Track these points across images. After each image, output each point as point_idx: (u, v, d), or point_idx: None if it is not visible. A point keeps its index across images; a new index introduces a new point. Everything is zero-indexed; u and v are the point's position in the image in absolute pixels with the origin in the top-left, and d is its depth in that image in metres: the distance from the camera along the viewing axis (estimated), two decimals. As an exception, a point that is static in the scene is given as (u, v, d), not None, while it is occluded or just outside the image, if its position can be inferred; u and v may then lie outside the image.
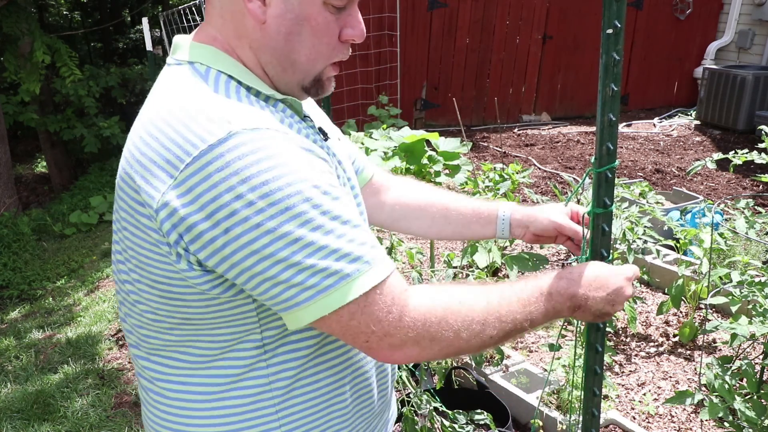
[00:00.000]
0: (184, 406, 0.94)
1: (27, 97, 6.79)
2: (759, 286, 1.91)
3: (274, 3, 0.84)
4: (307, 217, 0.77)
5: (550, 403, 2.32)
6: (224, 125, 0.77)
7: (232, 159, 0.75)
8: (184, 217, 0.77)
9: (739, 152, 2.09)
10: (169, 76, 0.89)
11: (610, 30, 0.98)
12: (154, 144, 0.80)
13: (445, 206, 1.24)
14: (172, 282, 0.84)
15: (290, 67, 0.90)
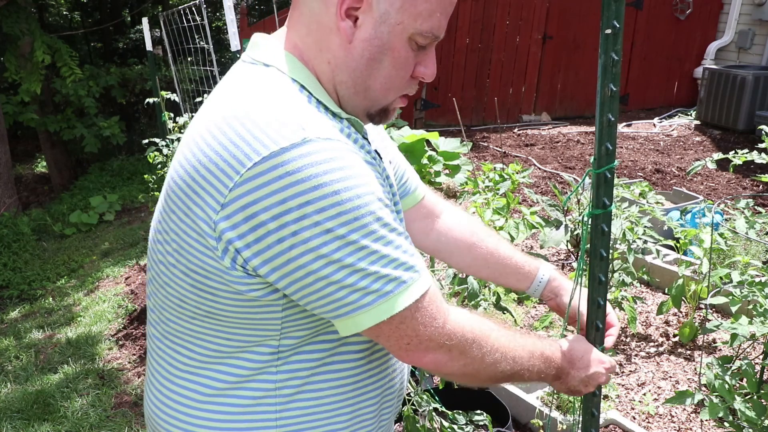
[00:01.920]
0: (189, 396, 0.95)
1: (27, 97, 6.79)
2: (759, 286, 1.91)
3: (364, 26, 0.86)
4: (372, 227, 0.81)
5: (550, 403, 2.32)
6: (298, 131, 0.79)
7: (305, 164, 0.77)
8: (248, 217, 0.78)
9: (739, 152, 2.09)
10: (243, 74, 0.90)
11: (609, 30, 0.98)
12: (222, 139, 0.81)
13: (490, 251, 1.27)
14: (209, 275, 0.84)
15: (363, 92, 0.92)
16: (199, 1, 3.57)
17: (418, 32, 0.87)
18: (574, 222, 3.24)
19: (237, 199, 0.78)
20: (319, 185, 0.77)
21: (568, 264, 3.73)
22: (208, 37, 3.57)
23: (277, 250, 0.79)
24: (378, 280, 0.82)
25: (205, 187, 0.81)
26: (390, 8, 0.85)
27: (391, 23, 0.86)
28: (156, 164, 4.28)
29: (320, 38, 0.88)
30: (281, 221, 0.78)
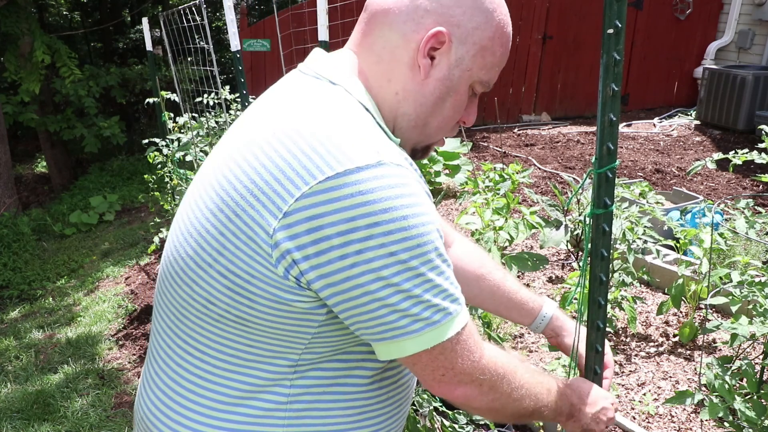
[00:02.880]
0: (199, 402, 0.93)
1: (27, 97, 6.79)
2: (759, 286, 1.91)
3: (439, 66, 0.91)
4: (431, 256, 0.83)
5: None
6: (374, 153, 0.80)
7: (378, 186, 0.78)
8: (312, 229, 0.78)
9: (739, 152, 2.09)
10: (308, 87, 0.90)
11: (611, 30, 0.98)
12: (293, 148, 0.81)
13: (497, 284, 1.29)
14: (253, 280, 0.83)
15: (421, 127, 0.96)
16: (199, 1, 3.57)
17: (480, 81, 0.95)
18: (574, 222, 3.24)
19: (301, 210, 0.78)
20: (389, 208, 0.78)
21: (568, 264, 3.73)
22: (208, 37, 3.57)
23: (337, 266, 0.80)
24: (429, 308, 0.83)
25: (266, 192, 0.80)
26: (465, 54, 0.91)
27: (463, 68, 0.92)
28: (156, 164, 4.28)
29: (391, 69, 0.92)
30: (347, 238, 0.78)
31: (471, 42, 0.91)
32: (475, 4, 0.90)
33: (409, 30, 0.89)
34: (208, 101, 3.88)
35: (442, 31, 0.88)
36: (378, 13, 0.92)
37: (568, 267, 3.71)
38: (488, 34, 0.92)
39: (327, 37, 2.40)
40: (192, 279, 0.89)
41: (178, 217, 0.97)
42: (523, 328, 3.05)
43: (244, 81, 2.87)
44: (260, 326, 0.87)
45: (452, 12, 0.89)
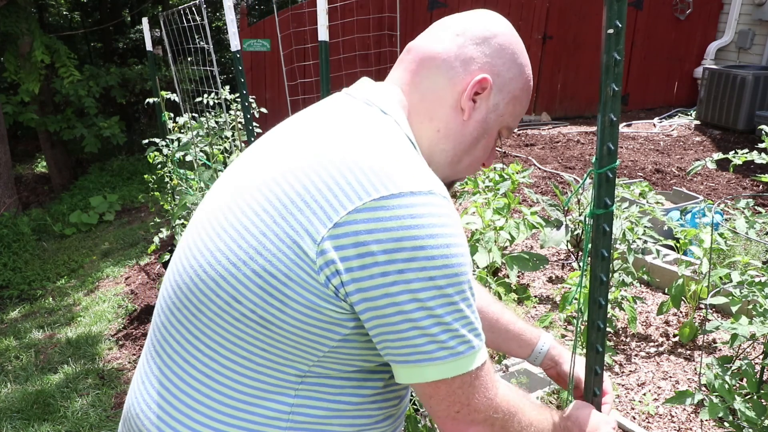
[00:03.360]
0: (204, 402, 0.93)
1: (27, 97, 6.79)
2: (759, 286, 1.91)
3: (479, 110, 1.00)
4: (464, 287, 0.86)
5: (550, 403, 2.32)
6: (425, 182, 0.86)
7: (427, 213, 0.83)
8: (359, 243, 0.82)
9: (739, 152, 2.09)
10: (362, 111, 0.95)
11: (611, 30, 0.98)
12: (351, 164, 0.85)
13: (495, 318, 1.32)
14: (290, 283, 0.85)
15: (456, 164, 1.03)
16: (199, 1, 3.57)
17: (507, 126, 1.04)
18: (574, 222, 3.24)
19: (352, 224, 0.82)
20: (434, 235, 0.83)
21: (568, 264, 3.73)
22: (208, 37, 3.57)
23: (378, 282, 0.83)
24: (456, 338, 0.86)
25: (319, 200, 0.83)
26: (501, 101, 1.01)
27: (498, 113, 1.01)
28: (156, 164, 4.28)
29: (434, 108, 0.99)
30: (391, 257, 0.82)
31: (507, 90, 1.00)
32: (512, 58, 1.00)
33: (456, 74, 0.98)
34: (208, 101, 3.88)
35: (487, 78, 0.98)
36: (426, 57, 1.00)
37: (568, 267, 3.71)
38: (520, 86, 1.02)
39: (327, 37, 2.40)
40: (220, 274, 0.89)
41: (204, 214, 0.98)
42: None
43: (244, 81, 2.87)
44: (283, 330, 0.88)
45: (495, 62, 0.99)
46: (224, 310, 0.89)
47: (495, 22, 1.01)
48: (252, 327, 0.88)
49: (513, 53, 1.01)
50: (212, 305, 0.90)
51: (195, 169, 3.93)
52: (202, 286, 0.91)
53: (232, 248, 0.88)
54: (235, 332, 0.90)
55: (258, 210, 0.87)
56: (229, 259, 0.88)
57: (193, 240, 0.96)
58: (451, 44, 0.98)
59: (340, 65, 6.61)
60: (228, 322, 0.90)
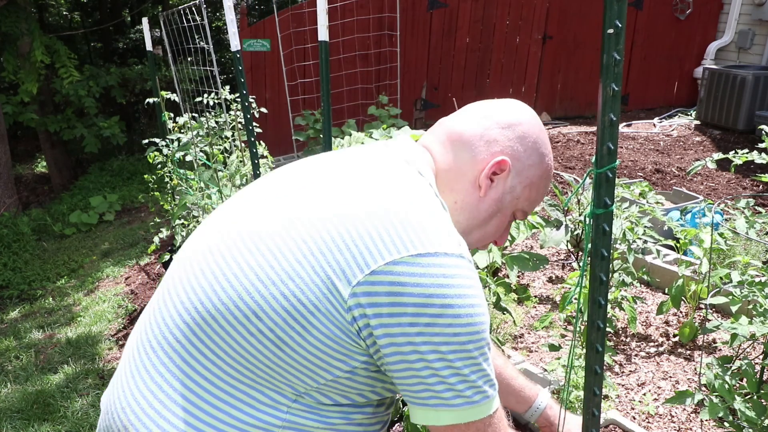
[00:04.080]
0: (202, 408, 0.94)
1: (27, 97, 6.79)
2: (759, 286, 1.91)
3: (496, 189, 1.06)
4: (482, 344, 0.93)
5: (550, 403, 2.32)
6: (456, 246, 0.93)
7: (457, 274, 0.90)
8: (392, 293, 0.87)
9: (739, 152, 2.09)
10: (402, 170, 1.00)
11: (611, 30, 0.98)
12: (395, 220, 0.91)
13: (498, 371, 1.39)
14: (317, 314, 0.89)
15: (466, 236, 1.07)
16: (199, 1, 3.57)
17: (522, 210, 1.10)
18: (574, 222, 3.24)
19: (388, 274, 0.87)
20: (462, 295, 0.89)
21: (568, 264, 3.73)
22: (208, 37, 3.57)
23: (405, 330, 0.88)
24: (471, 388, 0.92)
25: (359, 246, 0.88)
26: (518, 185, 1.07)
27: (514, 195, 1.07)
28: (156, 164, 4.28)
29: (456, 180, 1.05)
30: (420, 311, 0.87)
31: (525, 175, 1.07)
32: (534, 146, 1.06)
33: (479, 153, 1.04)
34: (208, 101, 3.88)
35: (506, 161, 1.04)
36: (454, 133, 1.07)
37: (568, 267, 3.71)
38: (539, 173, 1.08)
39: (327, 37, 2.40)
40: (245, 288, 0.92)
41: (234, 226, 0.99)
42: (523, 328, 3.05)
43: (244, 81, 2.87)
44: (295, 353, 0.91)
45: (516, 147, 1.05)
46: (241, 323, 0.91)
47: (522, 111, 1.08)
48: (264, 344, 0.91)
49: (535, 142, 1.06)
50: (229, 315, 0.92)
51: (195, 169, 3.92)
52: (222, 295, 0.93)
53: (264, 267, 0.92)
54: (246, 345, 0.92)
55: (298, 240, 0.91)
56: (259, 276, 0.91)
57: (220, 247, 0.98)
58: (478, 125, 1.06)
59: (340, 65, 6.61)
60: (241, 335, 0.92)
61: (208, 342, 0.93)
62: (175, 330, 0.96)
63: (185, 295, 0.97)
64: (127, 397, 0.99)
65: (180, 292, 0.98)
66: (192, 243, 1.06)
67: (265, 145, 3.98)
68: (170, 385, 0.95)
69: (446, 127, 1.09)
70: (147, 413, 0.96)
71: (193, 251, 1.03)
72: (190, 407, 0.94)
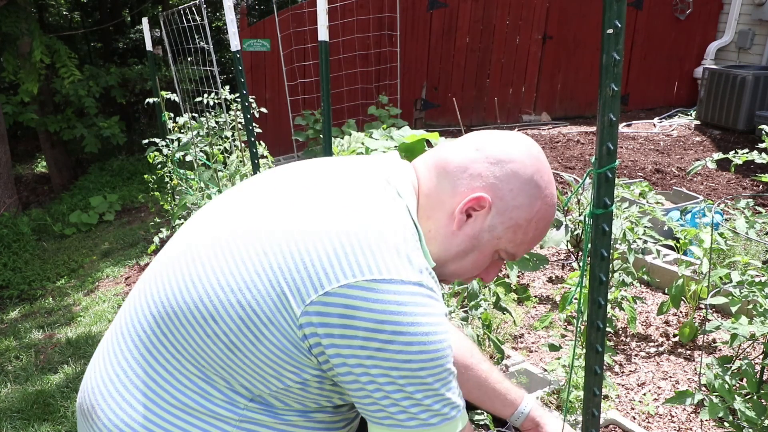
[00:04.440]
0: (162, 396, 0.97)
1: (27, 97, 6.79)
2: (759, 286, 1.91)
3: (472, 225, 1.01)
4: (439, 370, 0.91)
5: (550, 403, 2.32)
6: (417, 273, 0.91)
7: (411, 302, 0.88)
8: (345, 316, 0.87)
9: (739, 152, 2.09)
10: (379, 190, 0.98)
11: (611, 30, 0.98)
12: (354, 242, 0.89)
13: (484, 376, 1.39)
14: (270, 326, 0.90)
15: (439, 267, 1.04)
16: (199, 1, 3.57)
17: (506, 251, 1.05)
18: (574, 222, 3.24)
19: (341, 296, 0.87)
20: (414, 323, 0.88)
21: (568, 264, 3.73)
22: (208, 37, 3.57)
23: (355, 353, 0.88)
24: (427, 412, 0.91)
25: (316, 266, 0.88)
26: (499, 225, 1.01)
27: (493, 235, 1.02)
28: (156, 164, 4.28)
29: (434, 208, 1.02)
30: (371, 335, 0.87)
31: (508, 216, 1.01)
32: (523, 187, 1.00)
33: (460, 185, 1.00)
34: (208, 101, 3.87)
35: (485, 198, 0.99)
36: (442, 160, 1.03)
37: (568, 267, 3.71)
38: (526, 216, 1.01)
39: (327, 37, 2.40)
40: (206, 291, 0.93)
41: (208, 230, 1.01)
42: (523, 328, 3.04)
43: (244, 81, 2.87)
44: (246, 359, 0.93)
45: (500, 185, 0.99)
46: (199, 323, 0.93)
47: (518, 149, 1.01)
48: (219, 346, 0.93)
49: (526, 182, 1.00)
50: (189, 315, 0.94)
51: (195, 169, 3.92)
52: (185, 294, 0.95)
53: (225, 273, 0.92)
54: (203, 345, 0.94)
55: (260, 251, 0.91)
56: (219, 281, 0.92)
57: (192, 248, 1.00)
58: (466, 156, 1.01)
59: (340, 65, 6.61)
60: (198, 335, 0.94)
61: (170, 336, 0.96)
62: (143, 321, 1.00)
63: (155, 290, 1.00)
64: (97, 378, 1.04)
65: (152, 286, 1.02)
66: (175, 239, 1.10)
67: (265, 145, 3.98)
68: (134, 371, 0.99)
69: (437, 152, 1.05)
70: (112, 395, 1.00)
71: (172, 247, 1.06)
72: (150, 394, 0.97)
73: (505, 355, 2.51)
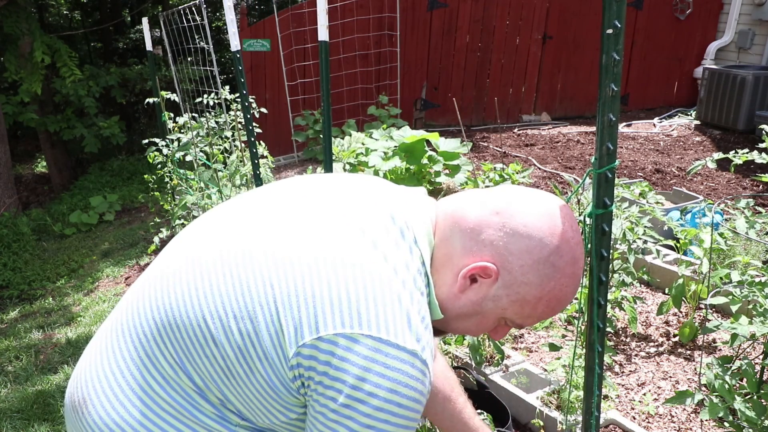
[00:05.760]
0: (157, 403, 0.97)
1: (27, 97, 6.79)
2: (759, 286, 1.91)
3: (476, 291, 0.97)
4: None
5: (550, 403, 2.32)
6: (416, 342, 0.89)
7: (401, 369, 0.87)
8: (334, 366, 0.86)
9: (739, 152, 2.09)
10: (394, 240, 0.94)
11: (610, 30, 0.98)
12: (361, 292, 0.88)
13: (459, 410, 1.39)
14: (263, 360, 0.90)
15: (442, 323, 1.02)
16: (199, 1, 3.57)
17: (512, 321, 1.01)
18: (574, 222, 3.24)
19: (336, 345, 0.86)
20: (395, 391, 0.87)
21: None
22: (208, 37, 3.58)
23: (340, 401, 0.87)
24: None
25: (317, 307, 0.87)
26: (505, 297, 0.96)
27: (499, 306, 0.98)
28: (156, 164, 4.28)
29: (444, 265, 0.98)
30: (343, 388, 0.86)
31: (514, 291, 0.96)
32: (535, 266, 0.94)
33: (470, 248, 0.95)
34: (208, 101, 3.88)
35: (492, 268, 0.94)
36: (457, 212, 0.98)
37: None
38: (536, 294, 0.96)
39: (327, 37, 2.40)
40: (210, 311, 0.93)
41: (215, 241, 0.99)
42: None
43: (244, 81, 2.87)
44: (239, 386, 0.93)
45: (510, 259, 0.94)
46: (200, 342, 0.93)
47: (541, 224, 0.94)
48: (215, 368, 0.93)
49: (538, 262, 0.94)
50: (191, 331, 0.94)
51: (195, 169, 3.93)
52: (190, 309, 0.94)
53: (230, 298, 0.92)
54: (200, 363, 0.94)
55: (266, 282, 0.90)
56: (224, 304, 0.92)
57: (202, 258, 0.98)
58: (483, 219, 0.95)
59: (340, 65, 6.61)
60: (198, 353, 0.94)
61: (169, 347, 0.96)
62: (145, 324, 0.99)
63: (161, 294, 0.99)
64: (92, 371, 1.03)
65: (158, 288, 1.00)
66: (182, 241, 1.07)
67: (265, 145, 3.98)
68: (131, 373, 0.98)
69: (458, 202, 1.00)
70: (105, 392, 1.00)
71: (180, 251, 1.04)
72: (147, 399, 0.97)
73: (505, 355, 2.51)
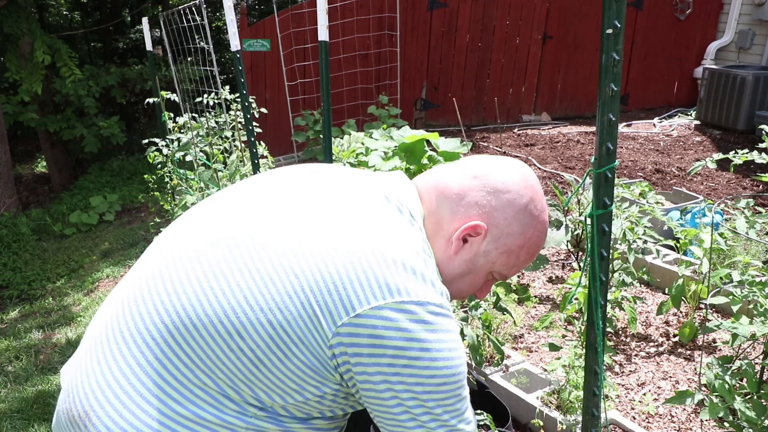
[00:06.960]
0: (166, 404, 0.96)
1: (27, 97, 6.79)
2: (759, 286, 1.91)
3: (469, 250, 1.06)
4: (458, 386, 0.97)
5: (550, 403, 2.32)
6: (439, 296, 0.96)
7: (436, 321, 0.93)
8: (374, 336, 0.91)
9: (739, 152, 2.09)
10: (394, 216, 1.01)
11: (610, 30, 0.98)
12: (384, 266, 0.93)
13: None
14: (300, 345, 0.92)
15: None
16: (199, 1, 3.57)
17: (499, 273, 1.10)
18: (574, 222, 3.24)
19: (371, 318, 0.91)
20: (441, 340, 0.93)
21: (568, 264, 3.73)
22: (208, 37, 3.58)
23: (381, 370, 0.92)
24: (442, 426, 0.96)
25: (347, 288, 0.91)
26: (494, 250, 1.06)
27: (488, 259, 1.07)
28: (156, 164, 4.28)
29: (434, 234, 1.06)
30: (400, 353, 0.91)
31: (502, 243, 1.06)
32: (516, 216, 1.05)
33: (458, 212, 1.04)
34: (208, 101, 3.87)
35: (482, 225, 1.04)
36: (439, 184, 1.07)
37: (569, 267, 3.71)
38: (518, 243, 1.06)
39: (327, 37, 2.40)
40: (232, 307, 0.93)
41: (218, 233, 0.99)
42: (523, 328, 3.04)
43: (244, 81, 2.87)
44: (271, 374, 0.94)
45: (496, 214, 1.04)
46: (222, 337, 0.93)
47: (515, 179, 1.05)
48: (242, 361, 0.94)
49: (519, 212, 1.04)
50: (212, 328, 0.94)
51: (195, 169, 3.92)
52: (207, 307, 0.94)
53: (253, 291, 0.93)
54: (223, 358, 0.94)
55: (289, 272, 0.93)
56: (247, 298, 0.93)
57: (208, 253, 0.98)
58: (465, 184, 1.05)
59: (340, 65, 6.61)
60: (221, 348, 0.93)
61: (185, 347, 0.95)
62: (152, 327, 0.97)
63: (166, 296, 0.97)
64: (91, 382, 0.99)
65: (161, 290, 0.98)
66: (178, 232, 1.05)
67: (265, 145, 3.98)
68: (139, 379, 0.96)
69: (436, 175, 1.09)
70: (111, 403, 0.96)
71: (178, 244, 1.02)
72: (162, 407, 0.95)
73: (505, 355, 2.51)
